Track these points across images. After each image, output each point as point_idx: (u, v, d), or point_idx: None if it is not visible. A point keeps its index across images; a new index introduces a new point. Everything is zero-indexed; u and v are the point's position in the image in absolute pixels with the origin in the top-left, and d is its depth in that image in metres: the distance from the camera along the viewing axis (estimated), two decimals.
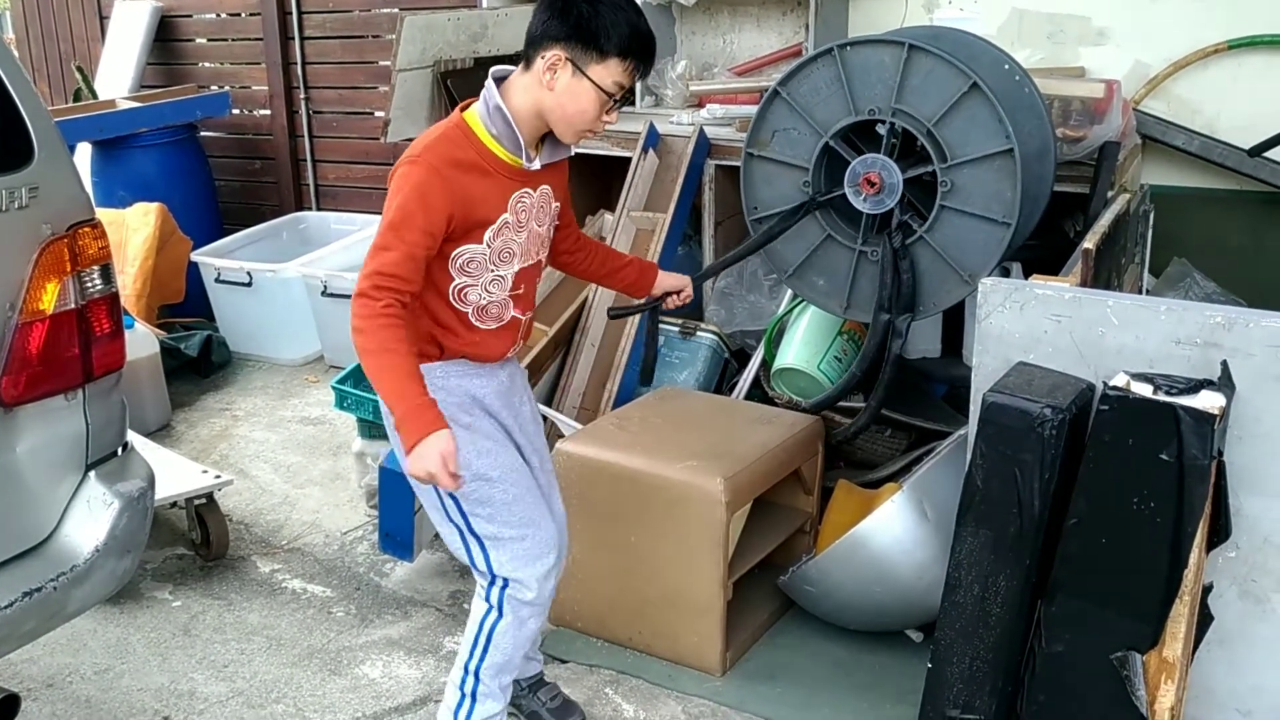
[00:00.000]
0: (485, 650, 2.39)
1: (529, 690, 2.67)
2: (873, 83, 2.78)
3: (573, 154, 2.34)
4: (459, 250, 2.20)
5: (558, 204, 2.37)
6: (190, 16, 6.18)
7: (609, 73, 2.15)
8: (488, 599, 2.37)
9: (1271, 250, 3.74)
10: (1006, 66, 2.92)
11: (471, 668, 2.41)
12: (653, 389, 3.45)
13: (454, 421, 2.25)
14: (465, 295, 2.25)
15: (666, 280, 2.65)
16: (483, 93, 2.22)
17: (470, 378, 2.32)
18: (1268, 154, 3.61)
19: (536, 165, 2.24)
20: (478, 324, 2.29)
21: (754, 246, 3.00)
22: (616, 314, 2.68)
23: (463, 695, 2.43)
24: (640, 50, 2.17)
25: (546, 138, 2.27)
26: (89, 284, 2.37)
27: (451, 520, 2.34)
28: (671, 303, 2.67)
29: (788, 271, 3.04)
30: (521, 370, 2.52)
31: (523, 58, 2.20)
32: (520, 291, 2.33)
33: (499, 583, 2.35)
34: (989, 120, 2.68)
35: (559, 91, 2.15)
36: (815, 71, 2.85)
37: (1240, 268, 3.68)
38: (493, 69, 2.25)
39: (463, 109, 2.26)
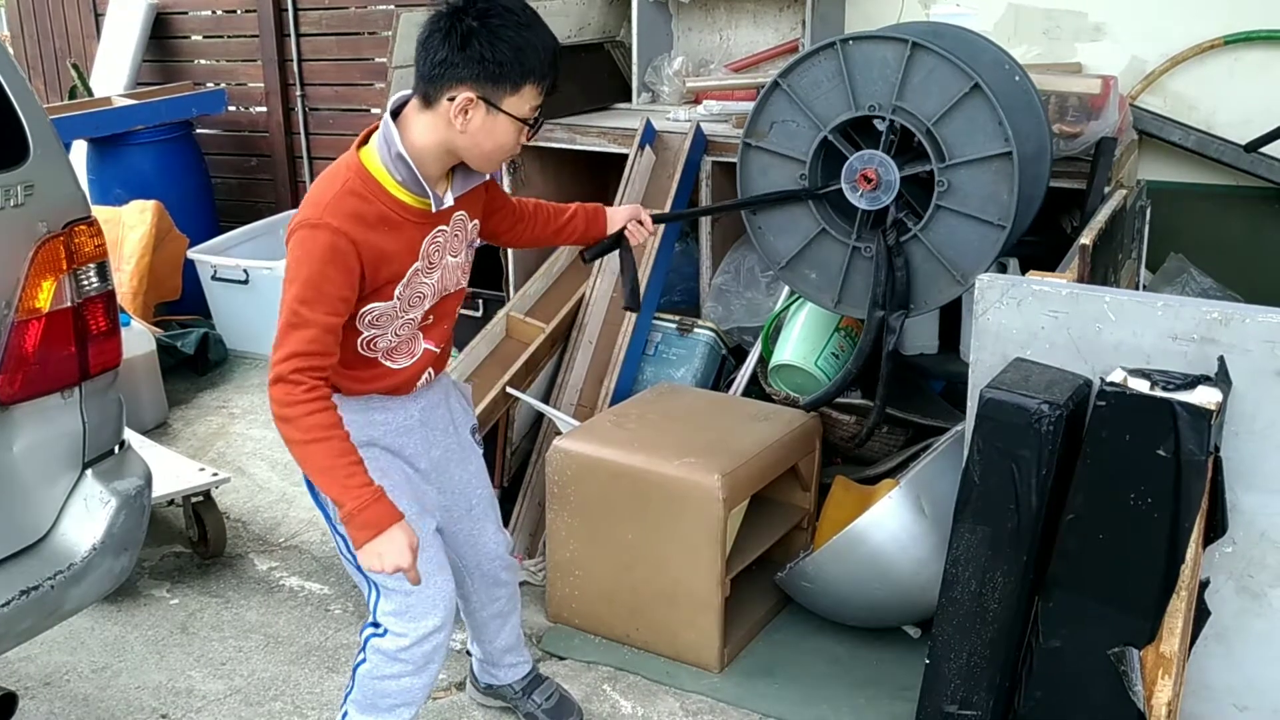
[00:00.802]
0: (351, 685, 2.30)
1: (523, 692, 2.65)
2: (874, 79, 2.78)
3: (488, 178, 2.20)
4: (368, 307, 2.07)
5: (476, 221, 2.23)
6: (186, 13, 6.16)
7: (524, 101, 2.00)
8: (361, 634, 2.29)
9: (1268, 246, 3.74)
10: (1007, 66, 2.92)
11: (344, 696, 2.33)
12: (649, 385, 3.45)
13: None
14: (374, 344, 2.13)
15: (618, 215, 2.49)
16: (380, 131, 2.03)
17: (372, 412, 2.18)
18: (1264, 149, 3.61)
19: (449, 201, 2.08)
20: (387, 363, 2.17)
21: (737, 205, 2.98)
22: (591, 255, 2.60)
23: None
24: (551, 67, 2.01)
25: (458, 166, 2.10)
26: (85, 282, 2.36)
27: (344, 553, 2.23)
28: (635, 235, 2.49)
29: (780, 263, 3.04)
30: (450, 398, 2.38)
31: (418, 91, 2.01)
32: (430, 322, 2.20)
33: (372, 626, 2.25)
34: (989, 122, 2.68)
35: (474, 132, 1.99)
36: (817, 65, 2.85)
37: (1237, 263, 3.68)
38: (392, 100, 2.06)
39: (360, 144, 2.07)
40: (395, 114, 2.05)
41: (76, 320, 2.35)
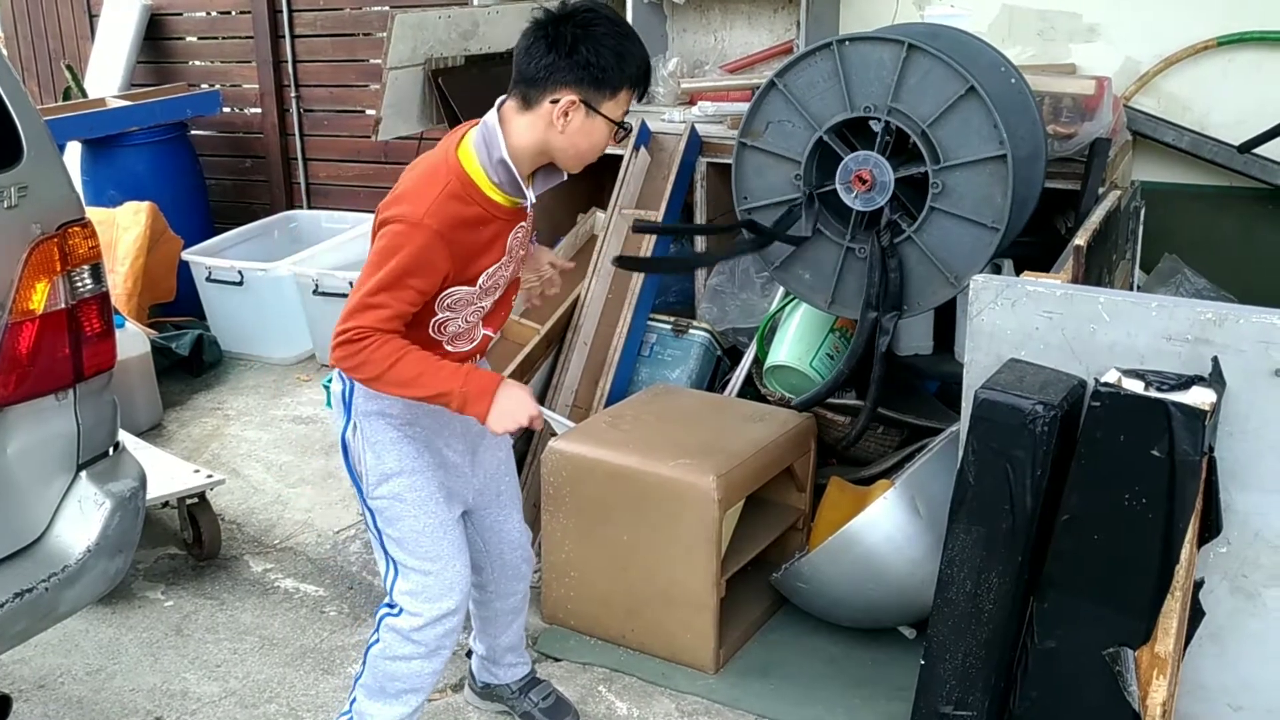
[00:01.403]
0: (363, 667, 2.35)
1: (519, 692, 2.66)
2: (870, 80, 2.78)
3: (565, 178, 2.26)
4: (449, 291, 2.14)
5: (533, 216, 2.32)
6: (180, 15, 6.15)
7: (619, 105, 2.13)
8: (376, 614, 2.34)
9: (1261, 246, 3.75)
10: (1003, 69, 2.92)
11: (355, 680, 2.38)
12: (645, 386, 3.45)
13: (385, 434, 2.22)
14: (445, 327, 2.19)
15: (540, 259, 2.48)
16: (480, 134, 2.12)
17: None
18: (1258, 150, 3.62)
19: (532, 199, 2.18)
20: (449, 348, 2.23)
21: (748, 249, 3.00)
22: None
23: (348, 707, 2.40)
24: (646, 75, 2.17)
25: (541, 167, 2.20)
26: (79, 284, 2.36)
27: (371, 528, 2.31)
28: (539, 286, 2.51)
29: (774, 263, 3.04)
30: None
31: (518, 94, 2.10)
32: (492, 311, 2.28)
33: (388, 607, 2.30)
34: (984, 125, 2.68)
35: (571, 133, 2.10)
36: (813, 65, 2.85)
37: (1230, 264, 3.69)
38: (499, 105, 2.14)
39: (459, 140, 2.14)
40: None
41: (71, 322, 2.34)
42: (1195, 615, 2.11)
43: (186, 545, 3.49)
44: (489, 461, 2.43)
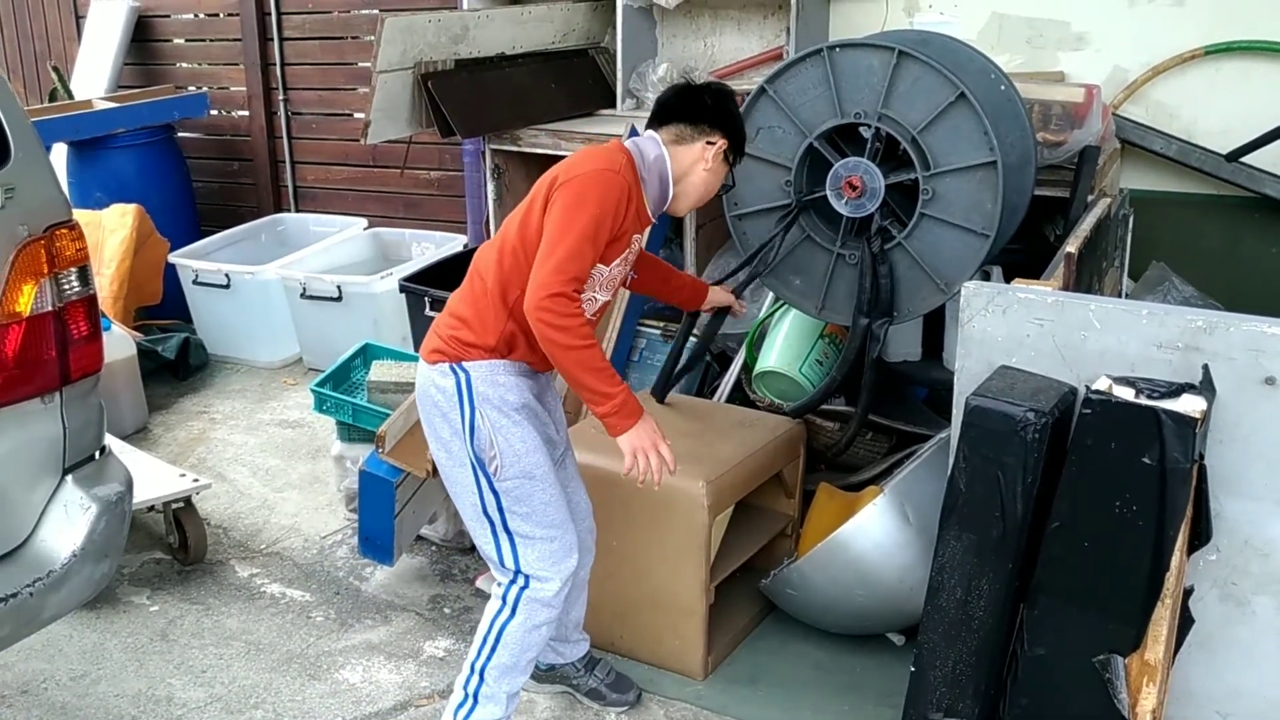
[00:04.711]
0: (493, 649, 2.44)
1: (585, 669, 2.75)
2: (860, 86, 2.79)
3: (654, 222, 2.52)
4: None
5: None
6: (168, 16, 6.13)
7: (731, 165, 2.51)
8: (504, 597, 2.44)
9: (1248, 254, 3.77)
10: (993, 76, 2.93)
11: (478, 667, 2.46)
12: (634, 392, 3.44)
13: (509, 418, 2.35)
14: None
15: (717, 296, 2.92)
16: (634, 143, 2.41)
17: (526, 377, 2.43)
18: (1245, 159, 3.63)
19: (655, 218, 2.46)
20: None
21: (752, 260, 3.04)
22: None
23: (465, 695, 2.48)
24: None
25: None
26: (66, 286, 2.34)
27: (486, 515, 2.40)
28: (738, 310, 3.00)
29: (764, 269, 3.04)
30: (551, 374, 2.62)
31: (671, 132, 2.43)
32: (595, 319, 2.46)
33: (519, 581, 2.42)
34: (974, 131, 2.68)
35: (710, 172, 2.45)
36: (803, 71, 2.85)
37: (1217, 271, 3.71)
38: (647, 130, 2.47)
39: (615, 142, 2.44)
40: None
41: (57, 324, 2.33)
42: (1185, 623, 2.12)
43: (172, 550, 3.47)
44: (563, 438, 2.62)
